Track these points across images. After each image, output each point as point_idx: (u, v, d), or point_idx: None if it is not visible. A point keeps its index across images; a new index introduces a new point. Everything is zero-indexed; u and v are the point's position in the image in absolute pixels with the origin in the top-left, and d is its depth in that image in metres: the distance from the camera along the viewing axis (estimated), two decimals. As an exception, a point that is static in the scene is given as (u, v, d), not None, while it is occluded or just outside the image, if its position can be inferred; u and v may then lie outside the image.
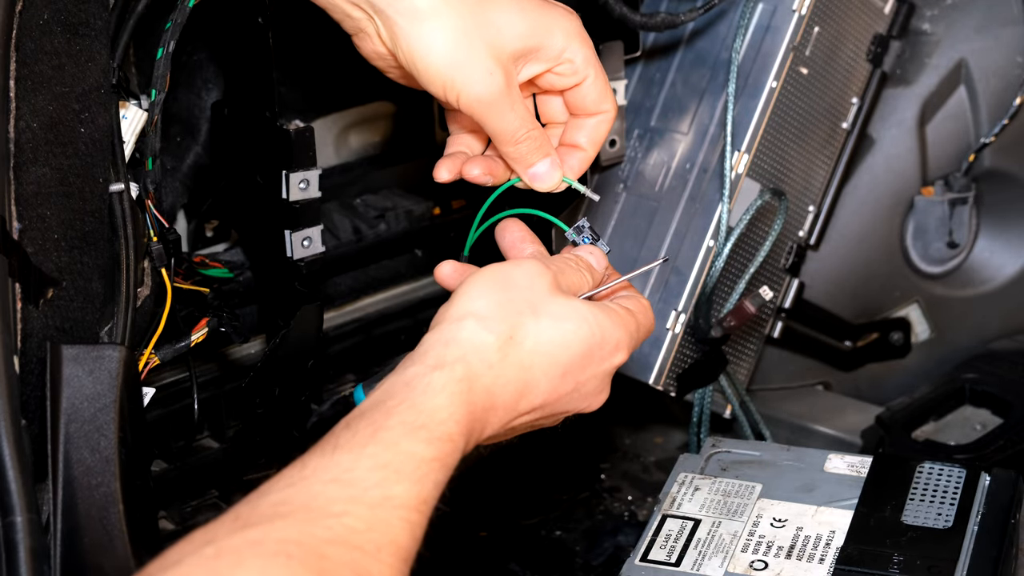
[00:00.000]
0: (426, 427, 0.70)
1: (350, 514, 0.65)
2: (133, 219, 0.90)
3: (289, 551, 0.62)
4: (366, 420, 0.70)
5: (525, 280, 0.78)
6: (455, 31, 0.80)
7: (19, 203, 0.81)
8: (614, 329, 0.80)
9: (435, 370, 0.73)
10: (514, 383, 0.76)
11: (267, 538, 0.62)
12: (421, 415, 0.71)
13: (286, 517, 0.64)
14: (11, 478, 0.72)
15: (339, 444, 0.68)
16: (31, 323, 0.81)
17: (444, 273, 0.85)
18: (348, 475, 0.67)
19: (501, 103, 0.81)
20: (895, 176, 1.30)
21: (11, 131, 0.81)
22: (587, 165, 0.88)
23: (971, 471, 0.97)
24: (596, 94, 0.86)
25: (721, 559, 0.91)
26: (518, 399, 0.76)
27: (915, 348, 1.36)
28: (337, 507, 0.65)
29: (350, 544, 0.64)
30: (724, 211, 1.12)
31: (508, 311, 0.76)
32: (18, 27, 0.81)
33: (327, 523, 0.64)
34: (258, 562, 0.61)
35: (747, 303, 1.08)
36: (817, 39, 1.17)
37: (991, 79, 1.30)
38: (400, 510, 0.67)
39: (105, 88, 0.87)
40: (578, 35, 0.84)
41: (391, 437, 0.69)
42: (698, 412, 1.15)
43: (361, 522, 0.65)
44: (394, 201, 1.20)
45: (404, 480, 0.68)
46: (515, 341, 0.76)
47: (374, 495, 0.66)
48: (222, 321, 1.06)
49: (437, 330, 0.76)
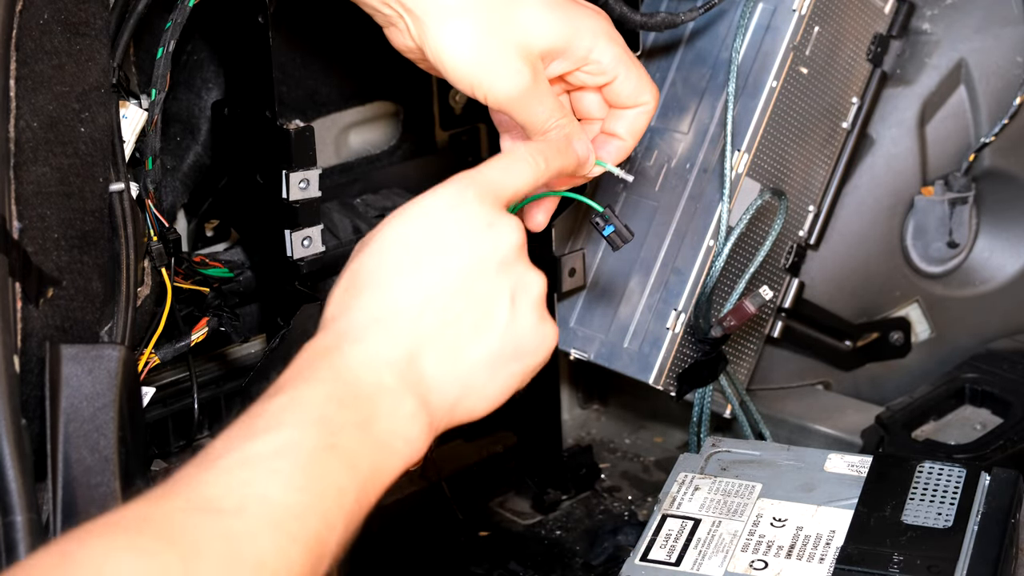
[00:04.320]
0: (273, 391, 0.67)
1: (206, 482, 0.62)
2: (133, 219, 0.90)
3: (139, 525, 0.59)
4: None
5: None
6: (482, 30, 0.80)
7: (19, 203, 0.81)
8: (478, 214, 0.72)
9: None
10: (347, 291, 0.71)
11: (121, 518, 0.60)
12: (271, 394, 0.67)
13: (141, 500, 0.61)
14: (11, 478, 0.72)
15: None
16: (31, 323, 0.81)
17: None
18: (205, 453, 0.64)
19: (529, 99, 0.82)
20: (895, 176, 1.30)
21: (11, 130, 0.81)
22: (625, 154, 0.88)
23: (971, 471, 0.97)
24: (630, 89, 0.86)
25: (721, 559, 0.91)
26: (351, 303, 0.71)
27: (915, 348, 1.36)
28: (194, 479, 0.62)
29: (208, 508, 0.60)
30: (724, 211, 1.12)
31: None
32: (18, 27, 0.81)
33: (184, 495, 0.61)
34: (105, 538, 0.58)
35: (747, 303, 1.08)
36: (817, 39, 1.17)
37: (991, 79, 1.30)
38: (260, 460, 0.63)
39: (105, 88, 0.87)
40: (606, 35, 0.85)
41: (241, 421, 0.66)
42: (698, 412, 1.15)
43: (217, 485, 0.62)
44: (394, 201, 1.20)
45: (259, 433, 0.64)
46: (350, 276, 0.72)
47: (232, 457, 0.63)
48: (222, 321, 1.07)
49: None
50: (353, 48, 1.15)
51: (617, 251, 0.92)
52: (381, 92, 1.20)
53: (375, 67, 1.17)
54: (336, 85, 1.15)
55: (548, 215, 0.89)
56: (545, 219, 0.89)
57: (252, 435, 0.64)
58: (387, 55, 0.90)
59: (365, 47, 1.14)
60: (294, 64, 1.11)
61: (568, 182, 0.87)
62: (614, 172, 0.87)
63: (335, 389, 0.67)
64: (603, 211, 0.86)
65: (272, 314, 1.10)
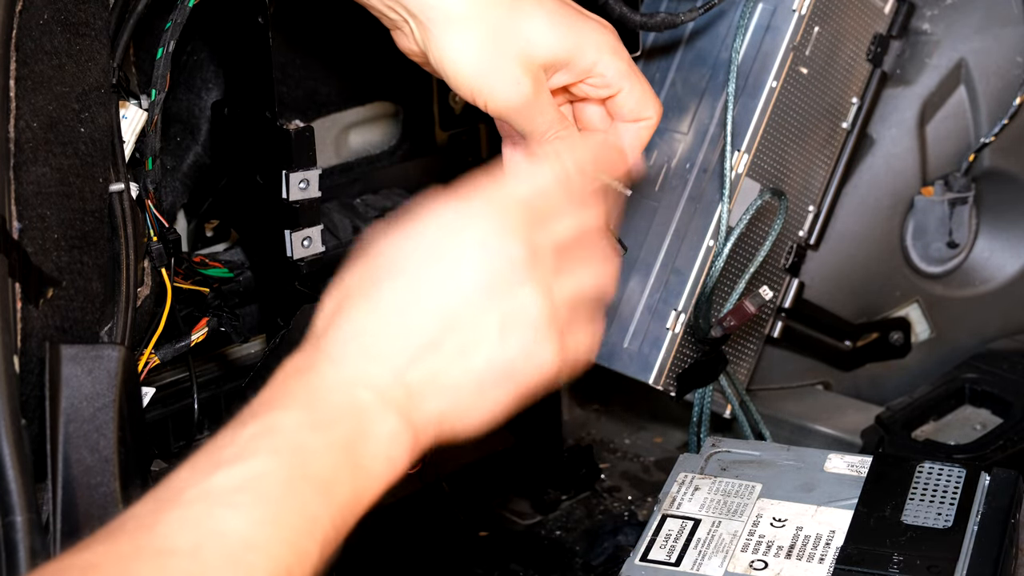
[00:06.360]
0: (245, 418, 0.65)
1: (164, 520, 0.60)
2: (133, 219, 0.90)
3: (89, 573, 0.58)
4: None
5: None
6: (485, 39, 0.80)
7: (19, 203, 0.81)
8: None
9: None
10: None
11: (70, 567, 0.58)
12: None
13: (99, 541, 0.59)
14: (11, 478, 0.72)
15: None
16: (31, 323, 0.81)
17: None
18: (169, 484, 0.62)
19: (529, 109, 0.82)
20: (895, 176, 1.30)
21: (11, 131, 0.81)
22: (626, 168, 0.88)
23: (971, 471, 0.97)
24: (633, 103, 0.86)
25: (721, 559, 0.91)
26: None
27: (915, 348, 1.36)
28: (152, 515, 0.60)
29: (162, 551, 0.58)
30: (724, 211, 1.12)
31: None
32: (18, 27, 0.81)
33: (138, 537, 0.59)
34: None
35: (747, 303, 1.08)
36: (817, 39, 1.17)
37: (991, 79, 1.30)
38: (221, 494, 0.61)
39: (105, 88, 0.87)
40: (610, 49, 0.84)
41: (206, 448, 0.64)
42: (698, 412, 1.15)
43: (173, 523, 0.60)
44: (394, 201, 1.20)
45: (225, 463, 0.62)
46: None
47: (194, 491, 0.61)
48: (222, 321, 1.07)
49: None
50: (353, 48, 1.15)
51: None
52: (381, 92, 1.20)
53: (375, 67, 1.17)
54: (336, 85, 1.15)
55: None
56: None
57: (218, 465, 0.62)
58: (387, 55, 0.90)
59: (365, 47, 1.14)
60: (294, 64, 1.11)
61: None
62: (613, 185, 0.87)
63: (310, 415, 0.65)
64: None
65: (272, 314, 1.10)
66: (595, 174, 0.76)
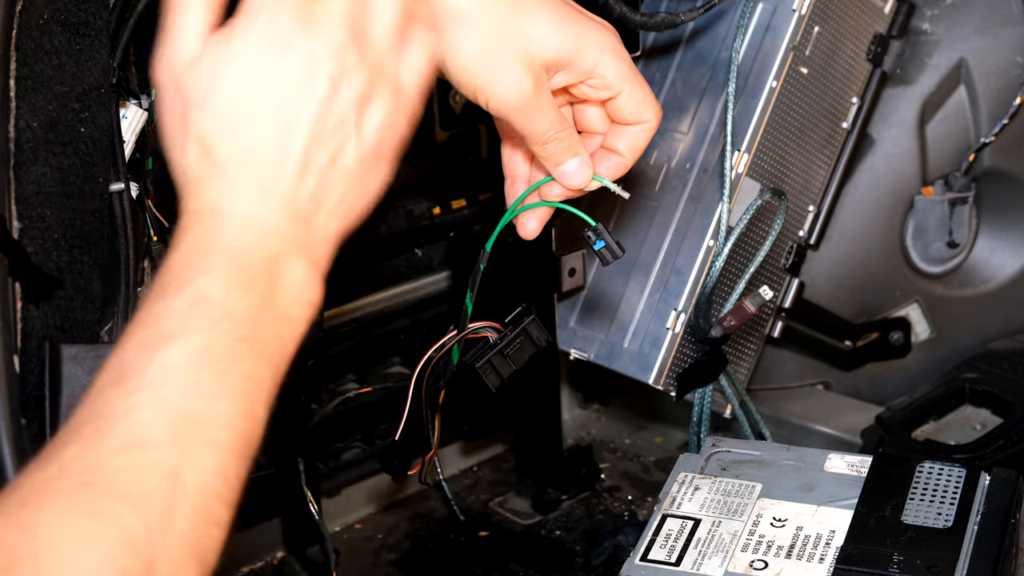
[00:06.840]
0: (170, 284, 0.65)
1: (138, 408, 0.60)
2: (133, 219, 0.90)
3: (86, 479, 0.58)
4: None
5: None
6: (487, 37, 0.80)
7: (19, 203, 0.81)
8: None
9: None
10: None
11: (63, 470, 0.58)
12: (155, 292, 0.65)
13: (78, 441, 0.60)
14: (11, 478, 0.72)
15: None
16: (31, 323, 0.81)
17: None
18: (120, 362, 0.62)
19: (530, 108, 0.82)
20: (895, 176, 1.31)
21: (11, 130, 0.81)
22: (623, 171, 0.88)
23: (971, 471, 0.97)
24: (633, 106, 0.86)
25: (721, 559, 0.91)
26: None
27: (915, 348, 1.36)
28: (121, 406, 0.60)
29: (146, 442, 0.59)
30: (724, 211, 1.12)
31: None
32: (18, 27, 0.81)
33: (118, 430, 0.59)
34: (58, 504, 0.57)
35: (747, 303, 1.08)
36: (817, 39, 1.17)
37: (991, 79, 1.30)
38: (180, 373, 0.61)
39: (105, 88, 0.87)
40: (611, 51, 0.84)
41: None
42: (698, 412, 1.15)
43: (149, 411, 0.60)
44: (393, 201, 1.20)
45: (169, 340, 0.62)
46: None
47: (150, 373, 0.61)
48: (222, 321, 1.06)
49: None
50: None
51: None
52: (381, 92, 1.20)
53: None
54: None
55: (541, 224, 0.89)
56: (538, 228, 0.89)
57: (164, 341, 0.62)
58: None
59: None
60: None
61: (564, 194, 0.88)
62: (611, 188, 0.87)
63: (233, 275, 0.65)
64: (595, 226, 0.87)
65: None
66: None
